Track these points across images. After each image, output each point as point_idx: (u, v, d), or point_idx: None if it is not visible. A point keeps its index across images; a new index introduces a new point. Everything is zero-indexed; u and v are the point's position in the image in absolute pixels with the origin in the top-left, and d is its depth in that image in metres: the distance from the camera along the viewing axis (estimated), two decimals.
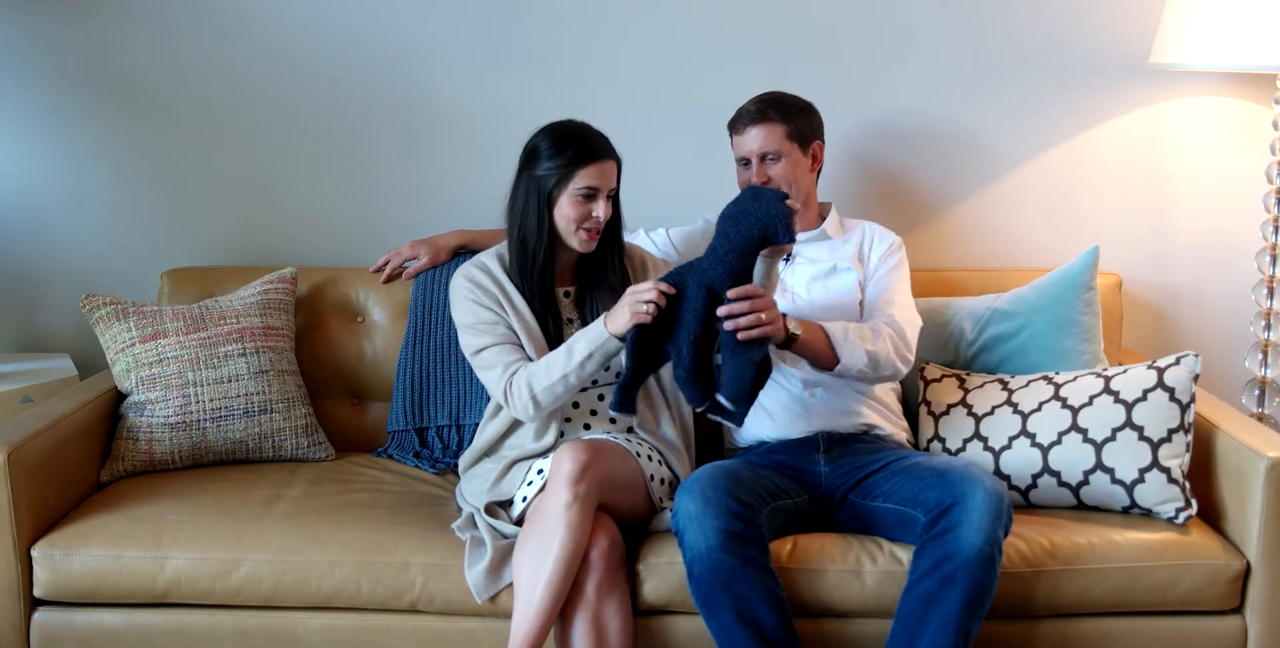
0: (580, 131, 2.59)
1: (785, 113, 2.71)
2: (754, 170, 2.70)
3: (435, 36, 3.15)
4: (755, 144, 2.70)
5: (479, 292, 2.62)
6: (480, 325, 2.59)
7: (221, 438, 2.81)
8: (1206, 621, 2.47)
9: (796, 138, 2.71)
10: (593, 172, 2.55)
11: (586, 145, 2.56)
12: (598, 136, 2.59)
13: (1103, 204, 3.20)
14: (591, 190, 2.55)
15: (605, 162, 2.56)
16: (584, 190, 2.54)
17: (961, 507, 2.29)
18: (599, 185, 2.55)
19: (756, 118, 2.70)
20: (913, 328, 2.67)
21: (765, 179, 2.69)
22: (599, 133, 2.60)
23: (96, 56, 3.18)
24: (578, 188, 2.54)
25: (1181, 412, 2.52)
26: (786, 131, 2.70)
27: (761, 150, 2.69)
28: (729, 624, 2.30)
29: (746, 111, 2.73)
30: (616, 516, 2.43)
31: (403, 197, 3.22)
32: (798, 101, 2.74)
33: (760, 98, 2.75)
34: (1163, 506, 2.50)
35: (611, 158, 2.58)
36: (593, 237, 2.58)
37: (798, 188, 2.72)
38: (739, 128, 2.73)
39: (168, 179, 3.24)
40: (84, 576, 2.48)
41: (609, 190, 2.58)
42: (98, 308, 2.86)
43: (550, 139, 2.57)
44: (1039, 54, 3.12)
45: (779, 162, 2.70)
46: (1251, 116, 3.12)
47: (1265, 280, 3.03)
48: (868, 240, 2.79)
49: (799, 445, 2.65)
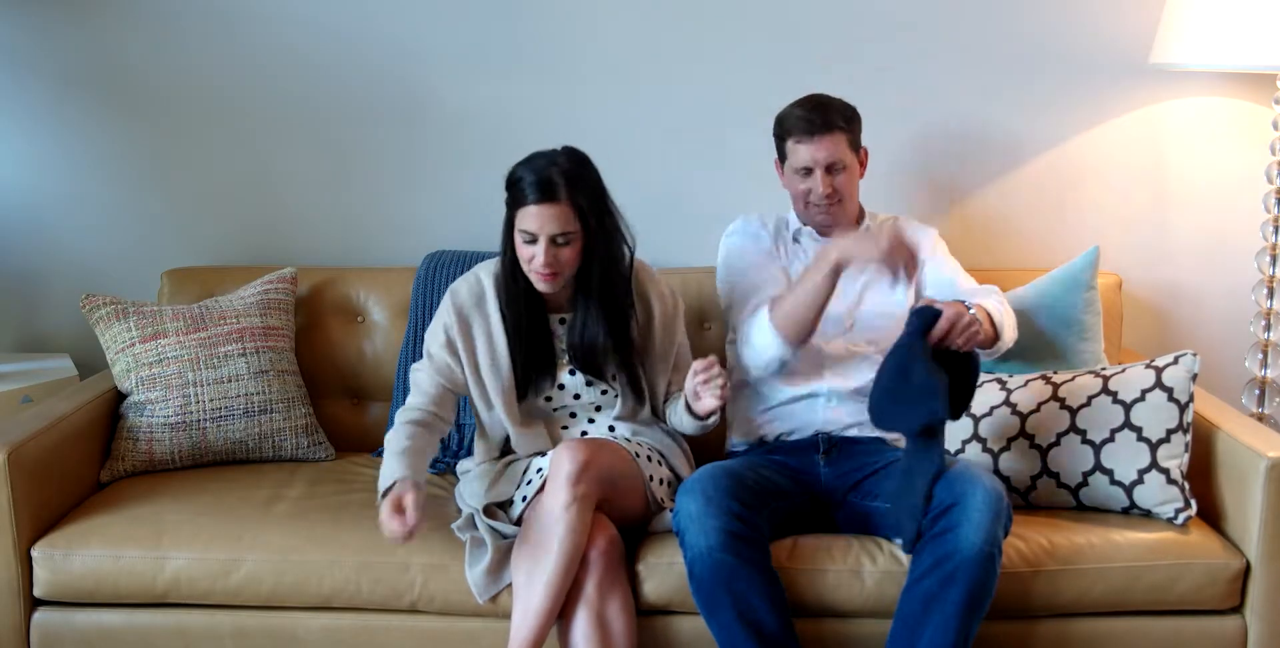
0: (537, 168, 2.43)
1: (847, 120, 2.65)
2: (818, 180, 2.65)
3: (435, 37, 3.15)
4: (824, 154, 2.63)
5: (455, 320, 2.55)
6: (435, 352, 2.56)
7: (221, 438, 2.81)
8: (1206, 620, 2.47)
9: (854, 147, 2.68)
10: (529, 215, 2.42)
11: (530, 185, 2.41)
12: (552, 177, 2.41)
13: (1103, 204, 3.20)
14: (529, 235, 2.43)
15: (545, 206, 2.40)
16: (523, 234, 2.44)
17: (961, 507, 2.29)
18: (535, 231, 2.42)
19: (826, 127, 2.62)
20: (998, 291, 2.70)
21: (831, 189, 2.65)
22: (566, 170, 2.43)
23: (97, 57, 3.18)
24: (519, 229, 2.44)
25: (1180, 412, 2.52)
26: (849, 140, 2.66)
27: (830, 160, 2.64)
28: (730, 624, 2.30)
29: (811, 120, 2.63)
30: (616, 515, 2.42)
31: (402, 197, 3.22)
32: (848, 106, 2.69)
33: (816, 102, 2.67)
34: (1162, 507, 2.50)
35: (557, 202, 2.41)
36: (545, 278, 2.46)
37: (852, 196, 2.71)
38: (804, 137, 2.64)
39: (168, 179, 3.24)
40: (84, 576, 2.48)
41: (554, 236, 2.42)
42: (98, 308, 2.86)
43: (512, 170, 2.47)
44: (1039, 54, 3.12)
45: (843, 172, 2.66)
46: (1251, 116, 3.12)
47: (1265, 280, 3.03)
48: (909, 238, 2.76)
49: (799, 446, 2.65)
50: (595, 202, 2.46)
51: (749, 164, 3.08)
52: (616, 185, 3.14)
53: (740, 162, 3.13)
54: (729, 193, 3.14)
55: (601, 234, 2.48)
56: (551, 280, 2.46)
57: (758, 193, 2.98)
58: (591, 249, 2.48)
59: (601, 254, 2.50)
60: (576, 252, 2.46)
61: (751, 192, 3.04)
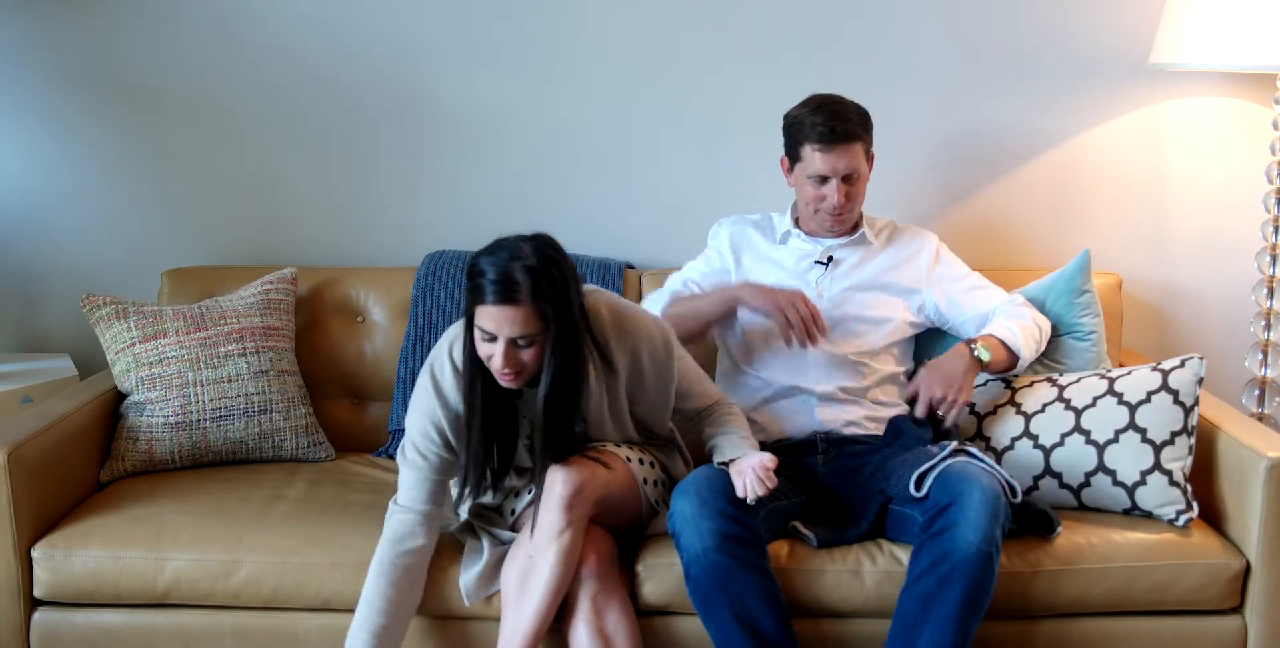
0: (499, 262, 2.18)
1: (864, 128, 2.64)
2: (833, 189, 2.63)
3: (435, 37, 3.15)
4: (844, 164, 2.61)
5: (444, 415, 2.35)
6: (428, 452, 2.37)
7: (221, 438, 2.81)
8: (1206, 620, 2.47)
9: (868, 153, 2.68)
10: (488, 314, 2.19)
11: (489, 284, 2.17)
12: (513, 275, 2.16)
13: (1103, 204, 3.19)
14: (487, 334, 2.21)
15: (505, 307, 2.17)
16: (480, 332, 2.22)
17: (959, 506, 2.28)
18: (493, 332, 2.19)
19: (846, 137, 2.59)
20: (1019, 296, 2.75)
21: (845, 199, 2.64)
22: (531, 266, 2.16)
23: (97, 56, 3.18)
24: (478, 325, 2.22)
25: (1185, 414, 2.52)
26: (865, 148, 2.65)
27: (848, 170, 2.62)
28: (727, 626, 2.29)
29: (832, 129, 2.58)
30: (612, 522, 2.41)
31: (402, 197, 3.22)
32: (862, 110, 2.66)
33: (835, 110, 2.62)
34: (1163, 508, 2.50)
35: (517, 304, 2.16)
36: (506, 378, 2.24)
37: (861, 202, 2.72)
38: (824, 146, 2.60)
39: (168, 179, 3.24)
40: (84, 576, 2.47)
41: (513, 338, 2.19)
42: (98, 308, 2.86)
43: (473, 259, 2.22)
44: (1039, 54, 3.12)
45: (858, 181, 2.66)
46: (1251, 116, 3.12)
47: (1265, 280, 3.03)
48: (908, 247, 2.78)
49: (798, 447, 2.65)
50: (561, 302, 2.20)
51: (749, 164, 3.08)
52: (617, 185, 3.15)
53: (740, 161, 3.13)
54: (729, 193, 3.13)
55: (567, 330, 2.24)
56: (512, 380, 2.24)
57: (758, 193, 2.98)
58: (555, 346, 2.24)
59: (564, 350, 2.25)
60: (539, 352, 2.23)
61: (752, 192, 3.04)
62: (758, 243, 2.80)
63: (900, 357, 2.76)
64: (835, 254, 2.75)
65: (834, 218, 2.69)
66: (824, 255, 2.74)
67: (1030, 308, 2.73)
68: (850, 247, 2.77)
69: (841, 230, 2.75)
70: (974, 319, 2.74)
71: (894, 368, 2.74)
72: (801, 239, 2.77)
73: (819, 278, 2.74)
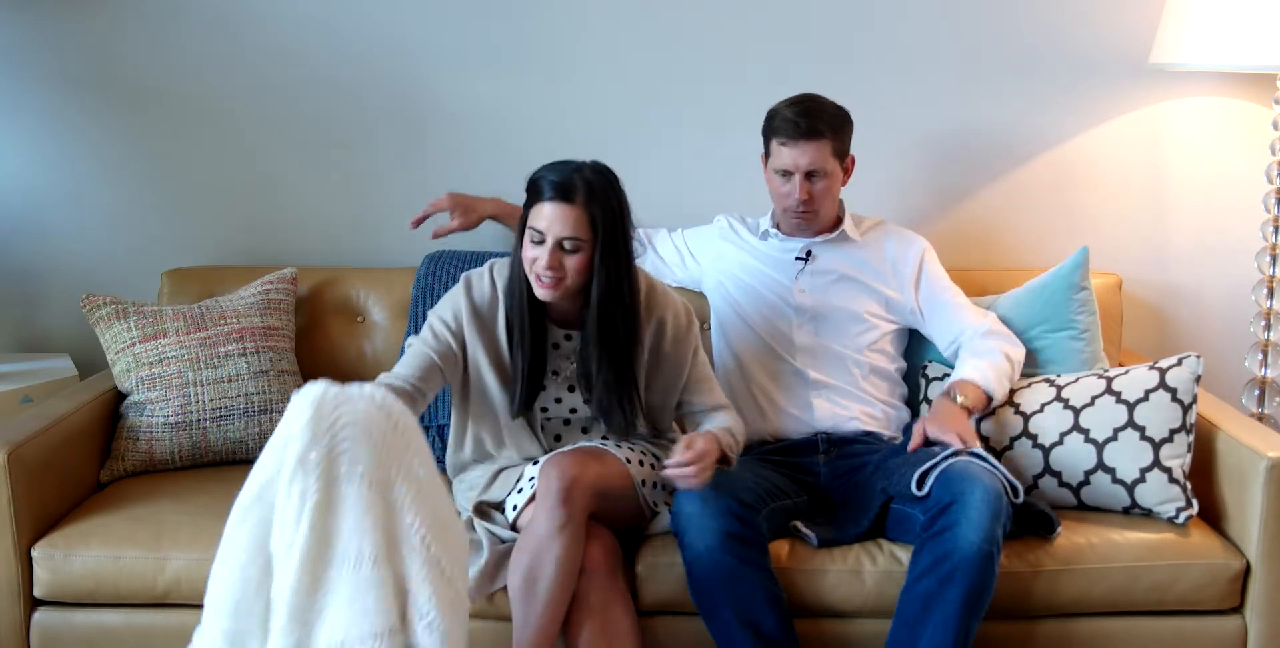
0: (561, 170, 2.36)
1: (834, 128, 2.64)
2: (796, 184, 2.65)
3: (435, 37, 3.15)
4: (806, 160, 2.63)
5: (469, 310, 2.48)
6: (440, 331, 2.47)
7: (221, 438, 2.81)
8: (1206, 620, 2.47)
9: (839, 154, 2.67)
10: (542, 212, 2.34)
11: (548, 184, 2.34)
12: (573, 180, 2.34)
13: (1103, 203, 3.20)
14: (537, 234, 2.35)
15: (559, 205, 2.33)
16: (532, 232, 2.36)
17: (960, 505, 2.29)
18: (544, 230, 2.34)
19: (810, 133, 2.61)
20: (992, 319, 2.74)
21: (807, 196, 2.65)
22: (589, 178, 2.35)
23: (97, 56, 3.18)
24: (530, 225, 2.37)
25: (1183, 412, 2.52)
26: (833, 148, 2.65)
27: (810, 167, 2.64)
28: (729, 625, 2.30)
29: (797, 124, 2.62)
30: (612, 520, 2.42)
31: (402, 196, 3.21)
32: (840, 112, 2.68)
33: (807, 107, 2.65)
34: (1163, 505, 2.50)
35: (572, 204, 2.32)
36: (545, 285, 2.36)
37: (830, 203, 2.72)
38: (788, 140, 2.63)
39: (168, 179, 3.24)
40: (84, 576, 2.48)
41: (561, 239, 2.33)
42: (98, 308, 2.86)
43: (536, 170, 2.40)
44: (1039, 54, 3.12)
45: (823, 180, 2.66)
46: (1251, 116, 3.12)
47: (1265, 280, 3.03)
48: (892, 250, 2.78)
49: (799, 446, 2.65)
50: (611, 216, 2.35)
51: (749, 164, 3.07)
52: None
53: (740, 162, 3.12)
54: (729, 193, 3.13)
55: (612, 251, 2.37)
56: (552, 287, 2.36)
57: (757, 193, 2.97)
58: (600, 264, 2.37)
59: (609, 273, 2.38)
60: (583, 262, 2.36)
61: (751, 192, 3.03)
62: (744, 239, 2.84)
63: (892, 354, 2.76)
64: (814, 249, 2.76)
65: (798, 215, 2.70)
66: (803, 251, 2.75)
67: (998, 338, 2.70)
68: (831, 243, 2.77)
69: (813, 229, 2.75)
70: (943, 335, 2.74)
71: (884, 363, 2.74)
72: (779, 239, 2.78)
73: (799, 273, 2.74)
